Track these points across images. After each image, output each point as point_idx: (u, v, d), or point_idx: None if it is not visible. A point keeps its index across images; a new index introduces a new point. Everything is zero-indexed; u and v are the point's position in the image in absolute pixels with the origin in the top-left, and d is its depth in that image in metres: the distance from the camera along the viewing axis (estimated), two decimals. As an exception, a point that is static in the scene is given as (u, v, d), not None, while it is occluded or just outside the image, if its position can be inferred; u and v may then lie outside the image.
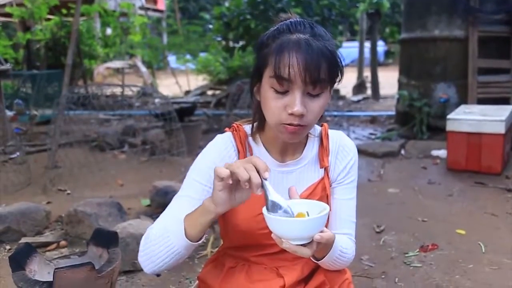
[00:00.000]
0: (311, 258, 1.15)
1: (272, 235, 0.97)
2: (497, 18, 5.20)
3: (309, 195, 1.21)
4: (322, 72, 1.02)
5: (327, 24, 6.32)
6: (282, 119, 1.06)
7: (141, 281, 2.39)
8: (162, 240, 1.06)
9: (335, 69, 1.06)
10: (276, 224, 0.95)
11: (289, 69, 1.01)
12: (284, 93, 1.04)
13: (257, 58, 1.12)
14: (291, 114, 1.04)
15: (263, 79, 1.09)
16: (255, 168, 0.94)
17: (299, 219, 0.96)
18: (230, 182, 0.95)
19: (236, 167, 0.93)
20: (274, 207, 0.96)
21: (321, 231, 0.97)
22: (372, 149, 5.00)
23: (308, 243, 0.97)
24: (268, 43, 1.08)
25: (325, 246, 1.09)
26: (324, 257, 1.14)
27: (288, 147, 1.20)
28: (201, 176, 1.16)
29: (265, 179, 0.94)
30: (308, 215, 1.00)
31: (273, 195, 0.96)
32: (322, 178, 1.24)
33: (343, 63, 1.10)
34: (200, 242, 1.06)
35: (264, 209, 0.97)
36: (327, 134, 1.26)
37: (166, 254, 1.06)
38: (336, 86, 1.14)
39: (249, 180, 0.93)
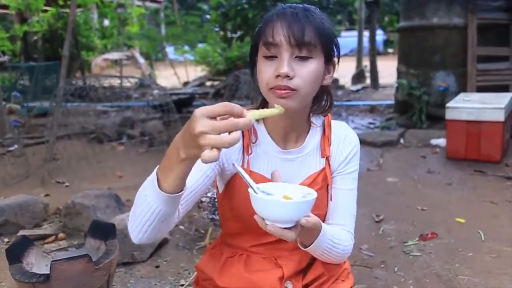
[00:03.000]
0: (298, 244, 1.15)
1: (255, 216, 0.95)
2: (496, 5, 5.16)
3: (310, 184, 1.20)
4: (308, 34, 1.04)
5: (324, 13, 6.28)
6: (270, 83, 1.06)
7: (139, 272, 2.39)
8: (140, 200, 0.97)
9: (324, 35, 1.07)
10: (263, 204, 0.92)
11: (273, 32, 1.04)
12: (273, 58, 1.06)
13: (252, 39, 1.15)
14: (278, 76, 1.04)
15: (258, 55, 1.10)
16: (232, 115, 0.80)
17: (287, 201, 0.94)
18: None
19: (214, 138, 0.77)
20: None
21: (307, 216, 0.97)
22: (371, 139, 4.99)
23: (293, 226, 0.96)
24: (261, 22, 1.11)
25: (311, 232, 1.08)
26: (311, 244, 1.12)
27: (290, 134, 1.19)
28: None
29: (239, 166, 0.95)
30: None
31: (251, 181, 0.95)
32: (324, 168, 1.23)
33: (336, 38, 1.13)
34: (179, 194, 0.93)
35: (250, 189, 0.94)
36: (330, 124, 1.25)
37: (148, 215, 0.95)
38: (335, 74, 1.16)
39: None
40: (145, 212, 0.95)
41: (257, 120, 1.20)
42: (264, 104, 1.18)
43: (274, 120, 1.16)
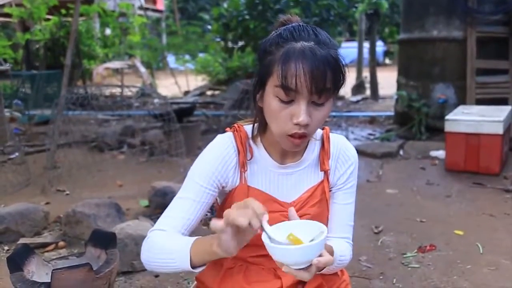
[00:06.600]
0: None
1: (274, 260, 0.98)
2: (495, 19, 5.21)
3: (309, 197, 1.22)
4: (328, 81, 1.02)
5: (325, 25, 6.32)
6: (288, 129, 1.06)
7: (139, 282, 2.39)
8: (166, 257, 1.08)
9: (339, 76, 1.05)
10: (275, 251, 0.96)
11: (296, 79, 1.00)
12: (289, 102, 1.05)
13: (260, 65, 1.11)
14: (297, 124, 1.04)
15: (267, 87, 1.08)
16: (253, 211, 0.93)
17: (297, 247, 0.96)
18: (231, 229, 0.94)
19: (234, 218, 0.92)
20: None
21: (320, 255, 0.98)
22: (371, 150, 5.01)
23: (308, 266, 0.98)
24: (271, 50, 1.06)
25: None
26: (323, 268, 1.15)
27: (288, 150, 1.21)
28: (201, 178, 1.17)
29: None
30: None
31: (269, 229, 0.97)
32: (322, 181, 1.24)
33: (346, 68, 1.09)
34: (200, 269, 1.08)
35: (264, 237, 0.97)
36: (329, 138, 1.26)
37: (168, 269, 1.10)
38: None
39: (249, 224, 0.92)
40: (169, 266, 1.09)
41: (254, 139, 1.21)
42: (261, 123, 1.19)
43: (271, 137, 1.17)
